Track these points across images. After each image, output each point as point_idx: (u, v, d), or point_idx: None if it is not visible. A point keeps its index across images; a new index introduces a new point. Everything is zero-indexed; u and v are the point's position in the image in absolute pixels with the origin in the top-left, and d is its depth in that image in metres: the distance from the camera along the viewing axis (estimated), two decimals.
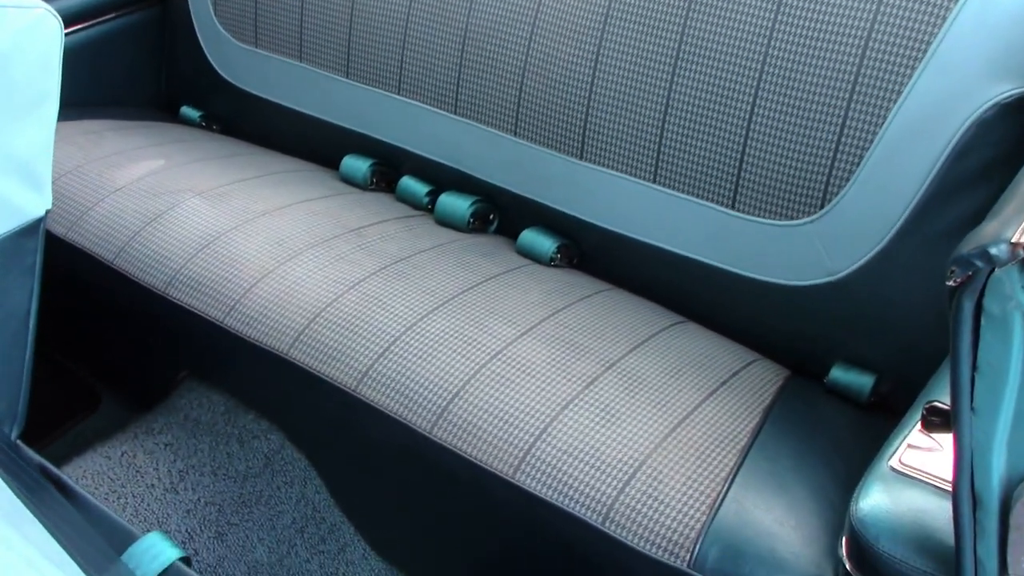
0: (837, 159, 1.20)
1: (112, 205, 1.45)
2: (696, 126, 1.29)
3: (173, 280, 1.33)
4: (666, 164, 1.33)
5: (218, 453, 1.31)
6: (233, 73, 1.79)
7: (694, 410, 1.12)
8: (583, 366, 1.16)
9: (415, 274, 1.31)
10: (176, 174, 1.53)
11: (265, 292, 1.28)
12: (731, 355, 1.26)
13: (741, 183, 1.27)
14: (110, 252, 1.39)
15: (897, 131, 1.15)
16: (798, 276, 1.26)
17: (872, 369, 1.23)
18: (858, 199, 1.19)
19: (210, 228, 1.39)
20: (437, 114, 1.54)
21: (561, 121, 1.40)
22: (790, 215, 1.25)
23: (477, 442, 1.09)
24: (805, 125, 1.21)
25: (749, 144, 1.25)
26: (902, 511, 0.83)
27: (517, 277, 1.36)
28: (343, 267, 1.31)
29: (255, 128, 1.80)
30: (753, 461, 1.06)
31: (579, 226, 1.43)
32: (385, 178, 1.62)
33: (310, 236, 1.38)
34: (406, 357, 1.17)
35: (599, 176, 1.39)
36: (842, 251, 1.22)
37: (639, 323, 1.29)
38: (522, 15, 1.42)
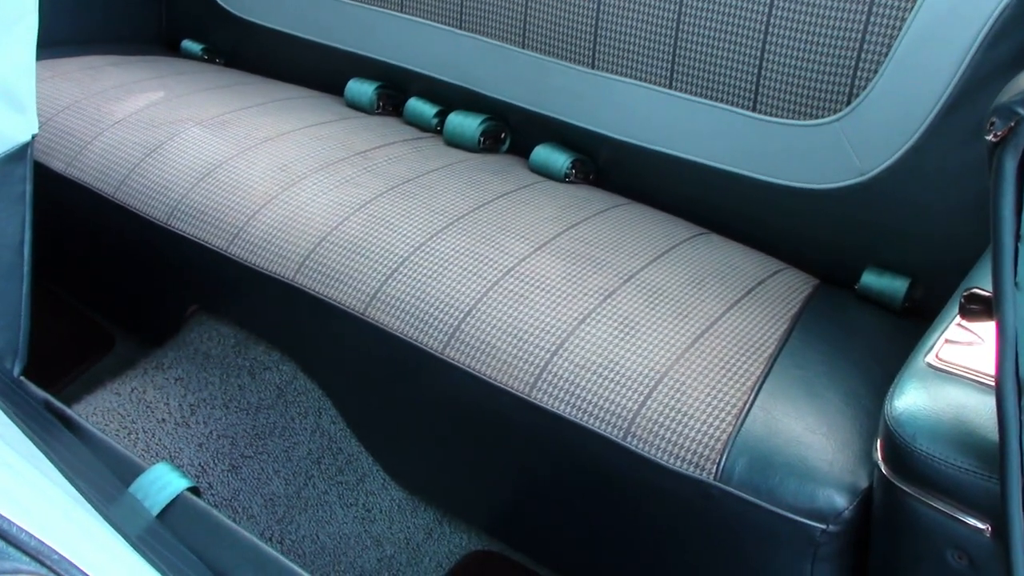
0: (864, 50, 1.12)
1: (111, 138, 1.40)
2: (712, 24, 1.22)
3: (175, 210, 1.29)
4: (682, 68, 1.26)
5: (229, 386, 1.28)
6: (232, 2, 1.73)
7: (717, 320, 1.07)
8: (600, 280, 1.11)
9: (423, 194, 1.26)
10: (176, 105, 1.48)
11: (269, 218, 1.23)
12: (756, 264, 1.20)
13: (762, 83, 1.20)
14: (110, 186, 1.35)
15: (926, 19, 1.08)
16: (825, 179, 1.19)
17: (906, 273, 1.17)
18: (887, 93, 1.12)
19: (211, 156, 1.34)
20: (442, 30, 1.47)
21: (570, 29, 1.34)
22: (815, 114, 1.18)
23: (491, 360, 1.04)
24: (829, 16, 1.14)
25: (769, 40, 1.18)
26: (941, 408, 0.78)
27: (530, 194, 1.30)
28: (349, 190, 1.26)
29: (258, 59, 1.75)
30: (781, 368, 1.00)
31: (593, 139, 1.37)
32: (392, 101, 1.57)
33: (314, 161, 1.33)
34: (415, 277, 1.12)
35: (612, 85, 1.33)
36: (871, 150, 1.15)
37: (658, 235, 1.23)
38: None
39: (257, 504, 1.18)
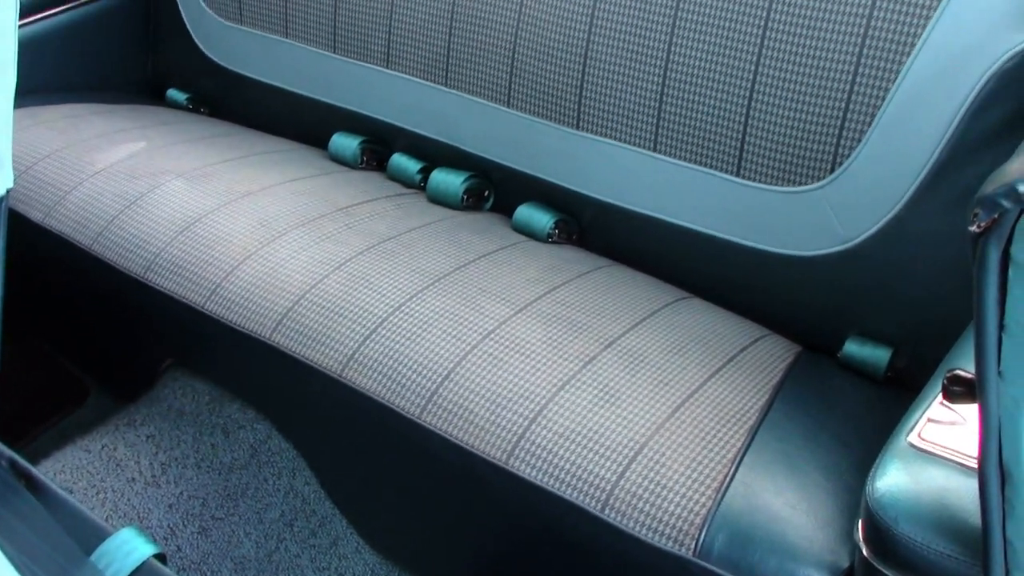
0: (847, 120, 1.12)
1: (91, 189, 1.39)
2: (697, 90, 1.22)
3: (152, 264, 1.27)
4: (666, 131, 1.26)
5: (202, 444, 1.25)
6: (219, 53, 1.73)
7: (699, 389, 1.05)
8: (581, 345, 1.10)
9: (405, 253, 1.25)
10: (158, 156, 1.47)
11: (247, 275, 1.22)
12: (738, 331, 1.19)
13: (746, 149, 1.20)
14: (88, 238, 1.33)
15: (911, 87, 1.08)
16: (808, 246, 1.18)
17: (888, 342, 1.16)
18: (870, 162, 1.12)
19: (191, 210, 1.32)
20: (427, 87, 1.47)
21: (556, 90, 1.34)
22: (799, 181, 1.17)
23: (468, 426, 1.02)
24: (813, 84, 1.14)
25: (753, 107, 1.18)
26: (923, 490, 0.76)
27: (512, 254, 1.29)
28: (329, 247, 1.25)
29: (243, 109, 1.74)
30: (762, 441, 0.99)
31: (577, 200, 1.37)
32: (376, 156, 1.56)
33: (295, 216, 1.32)
34: (393, 339, 1.11)
35: (597, 146, 1.32)
36: (854, 218, 1.14)
37: (641, 299, 1.22)
38: None
39: (227, 568, 1.15)
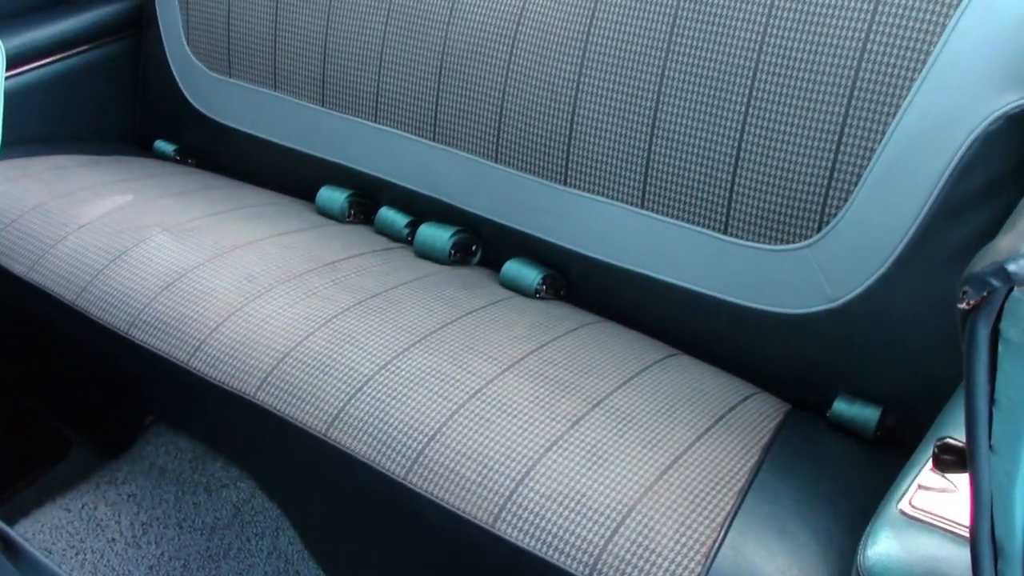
0: (834, 179, 1.13)
1: (76, 242, 1.38)
2: (684, 148, 1.22)
3: (136, 320, 1.26)
4: (654, 188, 1.26)
5: (184, 503, 1.23)
6: (207, 105, 1.73)
7: (687, 449, 1.04)
8: (568, 404, 1.09)
9: (391, 309, 1.24)
10: (144, 209, 1.47)
11: (232, 331, 1.21)
12: (727, 389, 1.19)
13: (733, 207, 1.20)
14: (72, 292, 1.32)
15: (897, 148, 1.09)
16: (796, 304, 1.18)
17: (878, 401, 1.16)
18: (857, 221, 1.12)
19: (176, 265, 1.32)
20: (415, 141, 1.47)
21: (543, 146, 1.34)
22: (786, 239, 1.18)
23: (455, 488, 1.01)
24: (799, 144, 1.14)
25: (740, 166, 1.19)
26: (914, 560, 0.75)
27: (500, 311, 1.29)
28: (315, 303, 1.24)
29: (230, 161, 1.74)
30: (752, 504, 0.98)
31: (565, 255, 1.36)
32: (363, 210, 1.56)
33: (281, 271, 1.31)
34: (379, 398, 1.09)
35: (584, 202, 1.32)
36: (842, 276, 1.14)
37: (629, 357, 1.21)
38: (500, 38, 1.36)
39: None
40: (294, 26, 1.57)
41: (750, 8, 1.16)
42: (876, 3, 1.09)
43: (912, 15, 1.07)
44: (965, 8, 1.04)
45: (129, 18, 1.84)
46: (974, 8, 1.04)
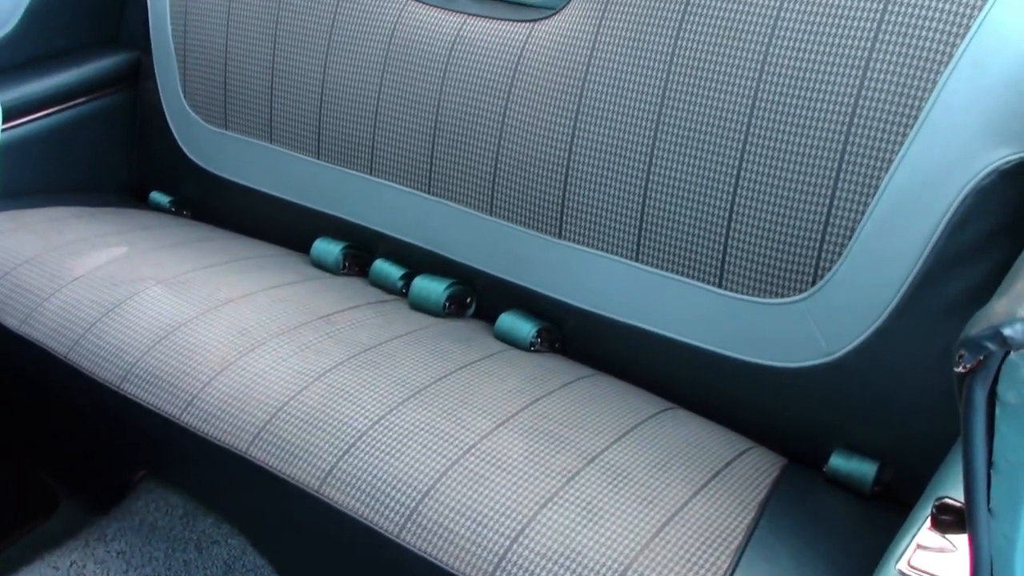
0: (828, 233, 1.13)
1: (69, 296, 1.38)
2: (678, 202, 1.23)
3: (128, 374, 1.25)
4: (648, 242, 1.26)
5: (174, 561, 1.22)
6: (203, 156, 1.74)
7: (683, 506, 1.03)
8: (563, 460, 1.08)
9: (385, 363, 1.24)
10: (138, 261, 1.46)
11: (225, 386, 1.20)
12: (723, 443, 1.18)
13: (727, 260, 1.20)
14: (64, 346, 1.32)
15: (890, 202, 1.09)
16: (791, 357, 1.18)
17: (874, 456, 1.15)
18: (852, 274, 1.12)
19: (170, 318, 1.31)
20: (410, 194, 1.48)
21: (538, 199, 1.34)
22: (781, 293, 1.17)
23: (448, 546, 1.00)
24: (792, 198, 1.15)
25: (734, 220, 1.19)
26: None
27: (494, 364, 1.28)
28: (309, 357, 1.24)
29: (226, 212, 1.74)
30: (749, 562, 0.97)
31: (560, 308, 1.36)
32: (358, 262, 1.56)
33: (275, 325, 1.30)
34: (373, 454, 1.09)
35: (579, 255, 1.32)
36: (837, 330, 1.14)
37: (624, 411, 1.20)
38: (495, 92, 1.37)
39: None
40: (290, 79, 1.58)
41: (744, 64, 1.17)
42: (867, 60, 1.09)
43: (903, 71, 1.08)
44: (955, 66, 1.05)
45: (126, 70, 1.85)
46: (963, 65, 1.05)
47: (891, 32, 1.08)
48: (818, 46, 1.12)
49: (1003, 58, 1.04)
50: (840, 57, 1.11)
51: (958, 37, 1.05)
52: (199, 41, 1.70)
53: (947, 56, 1.05)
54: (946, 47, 1.06)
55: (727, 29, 1.18)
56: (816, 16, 1.13)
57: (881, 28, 1.09)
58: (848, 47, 1.11)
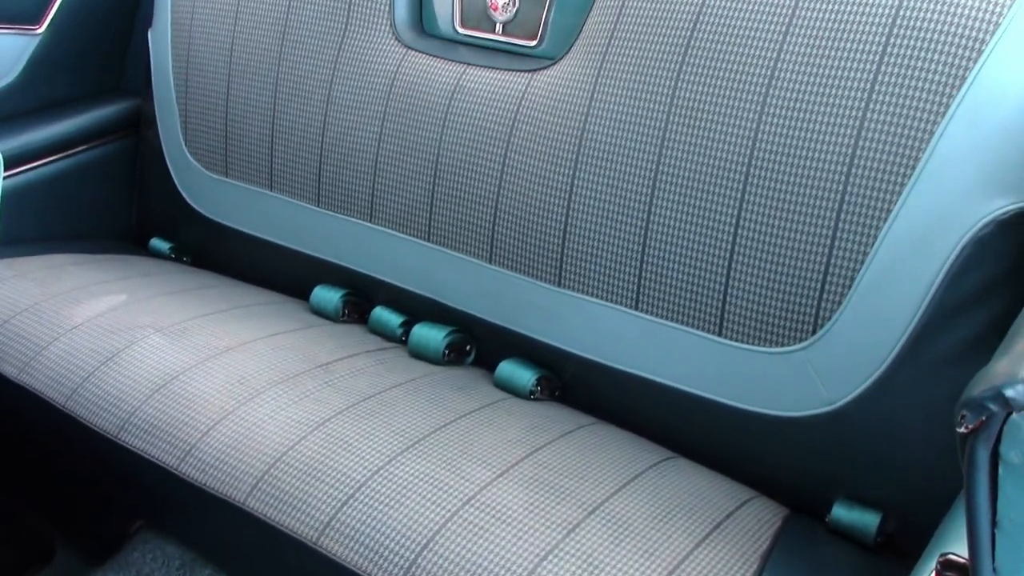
0: (827, 282, 1.13)
1: (67, 344, 1.37)
2: (677, 250, 1.23)
3: (126, 424, 1.25)
4: (648, 290, 1.26)
5: None
6: (203, 203, 1.74)
7: (685, 558, 1.02)
8: (564, 511, 1.07)
9: (384, 412, 1.23)
10: (137, 309, 1.46)
11: (223, 435, 1.19)
12: (724, 494, 1.17)
13: (727, 308, 1.20)
14: (62, 395, 1.31)
15: (889, 252, 1.09)
16: (792, 406, 1.17)
17: (877, 506, 1.14)
18: (852, 323, 1.12)
19: (169, 367, 1.31)
20: (410, 242, 1.48)
21: (537, 247, 1.34)
22: (781, 341, 1.17)
23: None
24: (791, 247, 1.15)
25: (734, 269, 1.19)
26: None
27: (494, 413, 1.27)
28: (308, 406, 1.23)
29: (226, 259, 1.74)
30: None
31: (559, 356, 1.36)
32: (357, 309, 1.55)
33: (274, 373, 1.30)
34: (372, 505, 1.08)
35: (579, 303, 1.32)
36: (838, 379, 1.14)
37: (625, 461, 1.20)
38: (495, 141, 1.38)
39: None
40: (291, 127, 1.59)
41: (741, 114, 1.18)
42: (864, 110, 1.10)
43: (899, 122, 1.08)
44: (951, 117, 1.05)
45: (128, 118, 1.86)
46: (960, 116, 1.05)
47: (887, 83, 1.09)
48: (815, 96, 1.13)
49: (999, 110, 1.05)
50: (837, 107, 1.12)
51: (954, 88, 1.06)
52: (201, 89, 1.71)
53: (943, 107, 1.06)
54: (942, 98, 1.06)
55: (724, 79, 1.19)
56: (813, 67, 1.14)
57: (877, 79, 1.10)
58: (845, 97, 1.12)
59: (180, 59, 1.74)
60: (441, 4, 1.51)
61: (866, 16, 1.11)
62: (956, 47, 1.06)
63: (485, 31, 1.46)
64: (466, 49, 1.47)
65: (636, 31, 1.27)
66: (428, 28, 1.52)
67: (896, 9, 1.10)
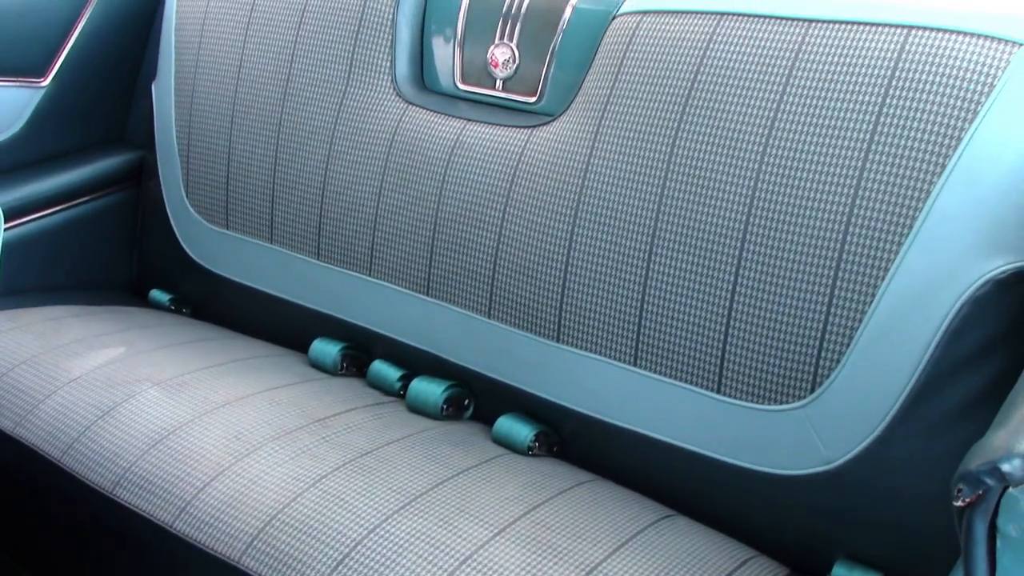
0: (826, 340, 1.13)
1: (65, 398, 1.37)
2: (676, 307, 1.23)
3: (122, 479, 1.24)
4: (646, 346, 1.26)
5: None
6: (204, 255, 1.75)
7: None
8: (561, 572, 1.06)
9: (382, 469, 1.22)
10: (136, 362, 1.46)
11: (219, 492, 1.19)
12: (723, 553, 1.16)
13: (726, 366, 1.20)
14: (58, 449, 1.31)
15: (887, 310, 1.09)
16: (792, 465, 1.17)
17: (878, 566, 1.13)
18: (851, 382, 1.12)
19: (166, 421, 1.30)
20: (409, 296, 1.48)
21: (536, 302, 1.35)
22: (779, 399, 1.17)
23: None
24: (789, 305, 1.15)
25: (732, 325, 1.19)
26: None
27: (492, 469, 1.27)
28: (304, 462, 1.23)
29: (225, 311, 1.75)
30: None
31: (558, 411, 1.35)
32: (356, 362, 1.55)
33: (271, 428, 1.30)
34: (368, 565, 1.07)
35: (577, 359, 1.32)
36: (837, 438, 1.13)
37: (623, 519, 1.19)
38: (494, 196, 1.38)
39: None
40: (292, 180, 1.60)
41: (739, 172, 1.18)
42: (861, 169, 1.11)
43: (896, 181, 1.09)
44: (948, 176, 1.06)
45: (130, 170, 1.88)
46: (957, 176, 1.06)
47: (884, 143, 1.10)
48: (812, 155, 1.14)
49: (995, 169, 1.05)
50: (834, 166, 1.13)
51: (950, 148, 1.06)
52: (203, 141, 1.72)
53: (939, 167, 1.07)
54: (938, 158, 1.07)
55: (722, 137, 1.20)
56: (809, 126, 1.15)
57: (874, 139, 1.11)
58: (842, 156, 1.12)
59: (183, 111, 1.75)
60: (442, 60, 1.52)
61: (862, 76, 1.12)
62: (952, 108, 1.07)
63: (485, 87, 1.48)
64: (466, 105, 1.48)
65: (635, 89, 1.28)
66: (429, 84, 1.54)
67: (892, 70, 1.11)
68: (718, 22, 1.23)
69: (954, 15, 1.11)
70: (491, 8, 1.47)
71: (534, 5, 1.43)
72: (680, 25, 1.26)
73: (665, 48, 1.26)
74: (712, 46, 1.23)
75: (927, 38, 1.10)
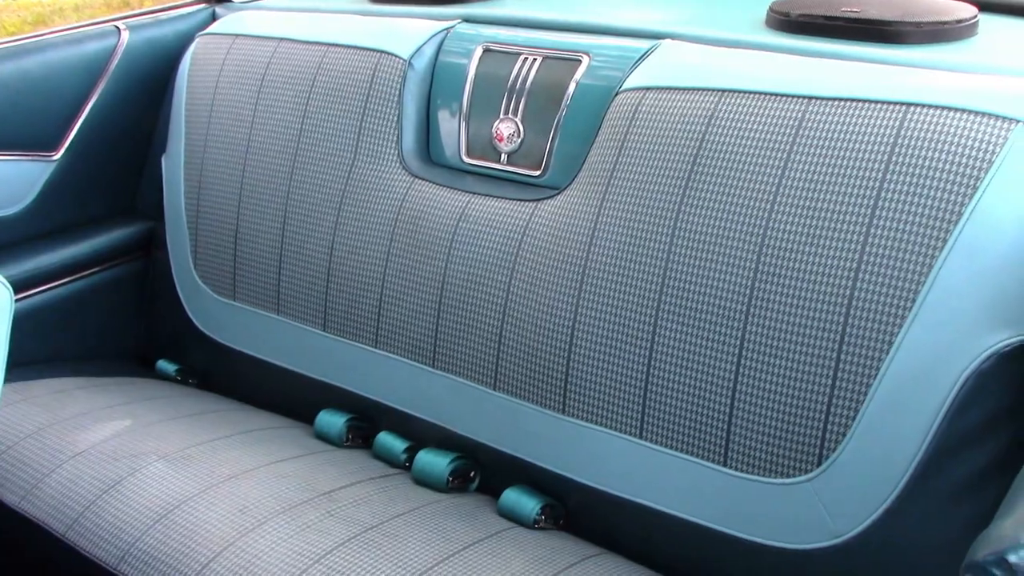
0: (831, 414, 1.13)
1: (70, 471, 1.37)
2: (681, 380, 1.23)
3: (126, 555, 1.23)
4: (652, 419, 1.26)
5: None
6: (211, 326, 1.76)
7: None
8: None
9: (387, 544, 1.22)
10: (141, 435, 1.46)
11: (223, 568, 1.18)
12: None
13: (732, 439, 1.20)
14: (63, 524, 1.30)
15: (892, 384, 1.09)
16: (799, 539, 1.16)
17: None
18: (857, 455, 1.12)
19: (171, 495, 1.30)
20: (415, 367, 1.48)
21: (541, 374, 1.35)
22: (786, 472, 1.17)
23: None
24: (794, 378, 1.15)
25: (738, 398, 1.19)
26: None
27: (498, 544, 1.26)
28: (310, 537, 1.22)
29: (232, 382, 1.75)
30: None
31: (564, 484, 1.35)
32: (361, 434, 1.55)
33: (276, 502, 1.29)
34: None
35: (583, 431, 1.32)
36: (845, 511, 1.13)
37: None
38: (499, 268, 1.39)
39: None
40: (299, 252, 1.62)
41: (743, 244, 1.19)
42: (864, 244, 1.12)
43: (898, 255, 1.10)
44: (950, 250, 1.07)
45: (138, 241, 1.89)
46: (959, 250, 1.07)
47: (885, 218, 1.11)
48: (814, 230, 1.15)
49: (996, 243, 1.06)
50: (836, 240, 1.13)
51: (951, 223, 1.07)
52: (211, 213, 1.74)
53: (941, 242, 1.08)
54: (940, 232, 1.08)
55: (726, 212, 1.21)
56: (812, 201, 1.16)
57: (875, 214, 1.12)
58: (844, 231, 1.13)
59: (192, 184, 1.77)
60: (448, 134, 1.55)
61: (863, 153, 1.14)
62: (951, 183, 1.08)
63: (491, 161, 1.50)
64: (472, 178, 1.50)
65: (639, 163, 1.30)
66: (435, 157, 1.56)
67: (891, 147, 1.12)
68: (720, 99, 1.26)
69: (951, 92, 1.13)
70: (496, 83, 1.50)
71: (538, 80, 1.46)
72: (683, 101, 1.28)
73: (668, 123, 1.28)
74: (714, 122, 1.25)
75: (925, 115, 1.12)
